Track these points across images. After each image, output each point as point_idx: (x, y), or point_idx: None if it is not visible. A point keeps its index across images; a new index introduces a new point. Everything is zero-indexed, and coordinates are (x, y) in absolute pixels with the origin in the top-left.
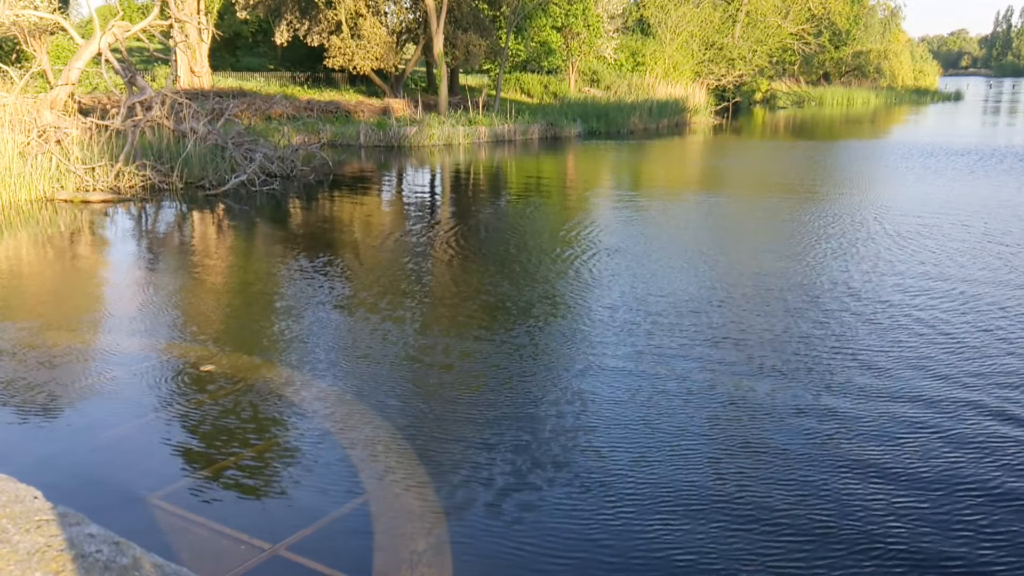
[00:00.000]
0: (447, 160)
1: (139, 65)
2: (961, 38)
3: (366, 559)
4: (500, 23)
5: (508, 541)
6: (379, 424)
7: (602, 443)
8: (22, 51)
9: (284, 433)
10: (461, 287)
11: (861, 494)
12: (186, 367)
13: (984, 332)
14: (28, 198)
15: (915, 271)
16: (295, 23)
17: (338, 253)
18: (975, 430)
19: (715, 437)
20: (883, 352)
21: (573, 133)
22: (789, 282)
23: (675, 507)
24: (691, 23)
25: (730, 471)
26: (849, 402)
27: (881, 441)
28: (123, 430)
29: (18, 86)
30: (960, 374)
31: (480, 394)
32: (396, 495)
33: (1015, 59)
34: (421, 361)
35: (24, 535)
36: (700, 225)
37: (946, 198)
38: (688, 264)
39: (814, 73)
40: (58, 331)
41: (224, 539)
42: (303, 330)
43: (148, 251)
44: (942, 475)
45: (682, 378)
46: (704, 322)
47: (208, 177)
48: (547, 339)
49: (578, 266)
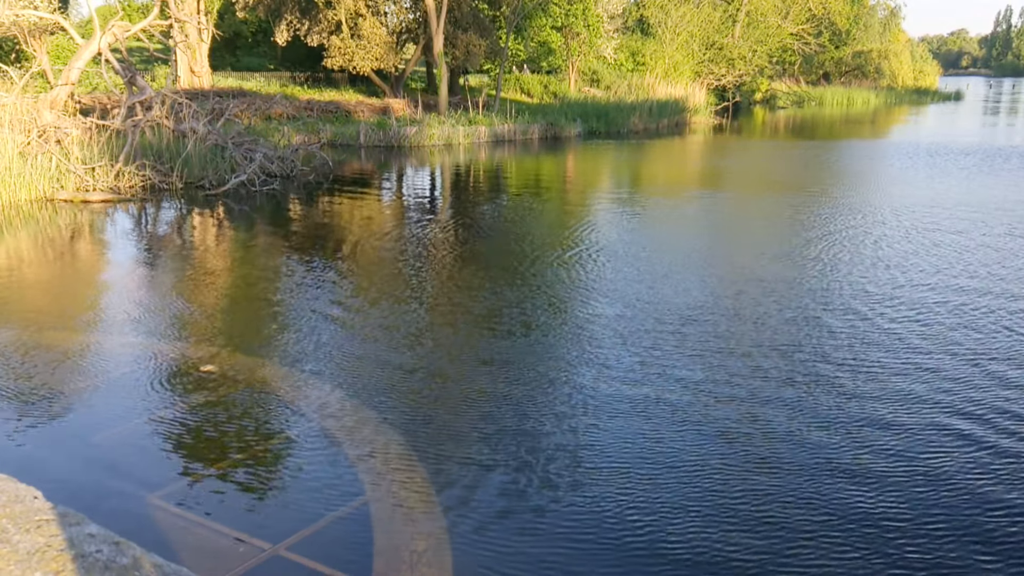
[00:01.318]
0: (447, 160)
1: (139, 65)
2: (961, 38)
3: (366, 559)
4: (500, 23)
5: (508, 541)
6: (379, 424)
7: (603, 445)
8: (22, 51)
9: (284, 433)
10: (461, 288)
11: (883, 511)
12: (186, 367)
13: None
14: (28, 198)
15: (945, 273)
16: (295, 23)
17: (338, 253)
18: (1010, 443)
19: (718, 448)
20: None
21: (573, 133)
22: (828, 288)
23: (676, 507)
24: (691, 23)
25: (741, 486)
26: (885, 413)
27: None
28: (123, 430)
29: (18, 86)
30: (994, 385)
31: (481, 395)
32: (396, 495)
33: (1015, 59)
34: (421, 362)
35: (24, 535)
36: (711, 227)
37: (960, 197)
38: (705, 269)
39: (814, 73)
40: (58, 331)
41: (224, 539)
42: (303, 330)
43: (148, 251)
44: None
45: (688, 377)
46: (732, 331)
47: (208, 177)
48: (548, 339)
49: (580, 268)
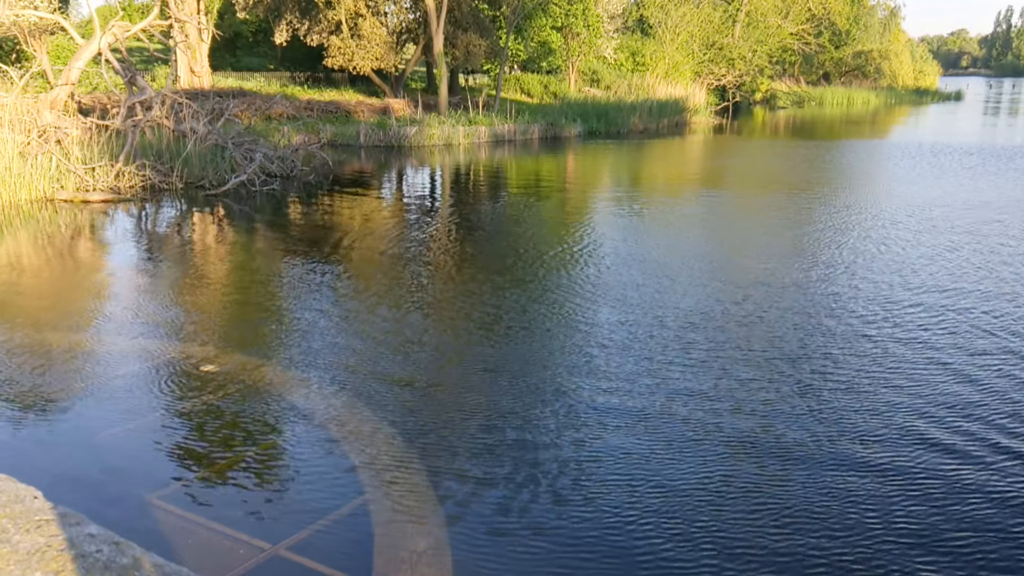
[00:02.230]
0: (447, 160)
1: (139, 65)
2: (961, 38)
3: (366, 559)
4: (500, 23)
5: (508, 541)
6: (379, 424)
7: (604, 447)
8: (22, 51)
9: (284, 433)
10: (462, 290)
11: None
12: (186, 367)
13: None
14: (28, 198)
15: (963, 279)
16: (295, 23)
17: (338, 253)
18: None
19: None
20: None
21: (573, 133)
22: (850, 292)
23: (677, 509)
24: (691, 23)
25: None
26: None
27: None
28: (123, 430)
29: (18, 86)
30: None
31: (481, 395)
32: (396, 495)
33: (1015, 59)
34: (422, 362)
35: (24, 535)
36: (714, 228)
37: (968, 196)
38: (710, 272)
39: (814, 73)
40: (58, 331)
41: (224, 539)
42: (303, 330)
43: (148, 251)
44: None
45: (694, 378)
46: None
47: (208, 177)
48: (548, 340)
49: (582, 271)
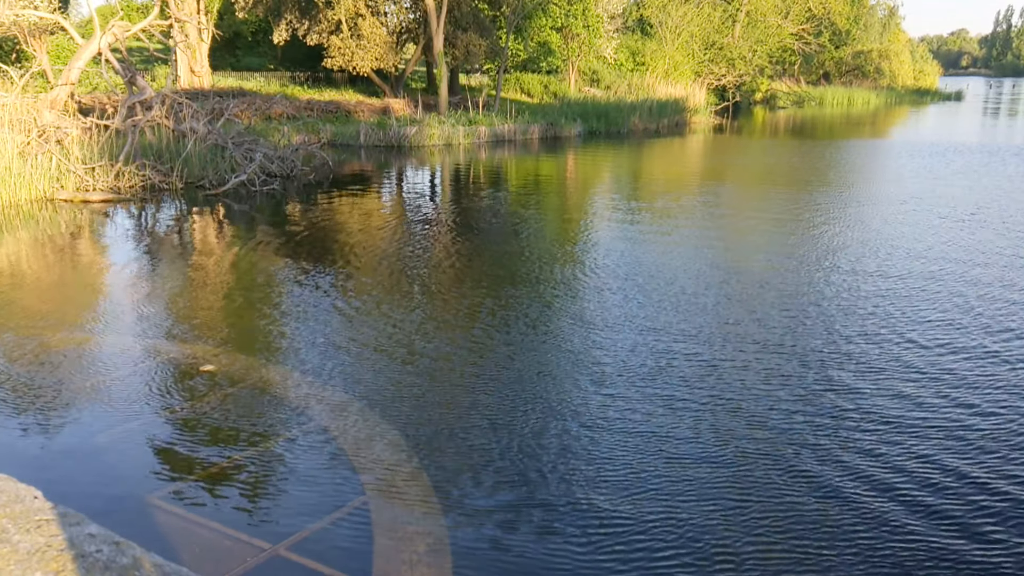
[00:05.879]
0: (447, 160)
1: (139, 65)
2: (961, 38)
3: (366, 559)
4: (500, 23)
5: (508, 542)
6: (379, 424)
7: (604, 448)
8: (22, 51)
9: (284, 433)
10: (462, 290)
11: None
12: (186, 367)
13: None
14: (28, 198)
15: (990, 272)
16: (295, 23)
17: (338, 253)
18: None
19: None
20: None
21: (573, 133)
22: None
23: (677, 509)
24: (691, 23)
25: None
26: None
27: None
28: (123, 430)
29: (18, 86)
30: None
31: (482, 396)
32: (396, 495)
33: (1015, 59)
34: (421, 362)
35: (24, 535)
36: (717, 228)
37: (976, 196)
38: (715, 275)
39: (814, 73)
40: (58, 331)
41: (224, 539)
42: (303, 330)
43: (148, 251)
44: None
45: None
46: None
47: (208, 177)
48: (549, 340)
49: (583, 272)
